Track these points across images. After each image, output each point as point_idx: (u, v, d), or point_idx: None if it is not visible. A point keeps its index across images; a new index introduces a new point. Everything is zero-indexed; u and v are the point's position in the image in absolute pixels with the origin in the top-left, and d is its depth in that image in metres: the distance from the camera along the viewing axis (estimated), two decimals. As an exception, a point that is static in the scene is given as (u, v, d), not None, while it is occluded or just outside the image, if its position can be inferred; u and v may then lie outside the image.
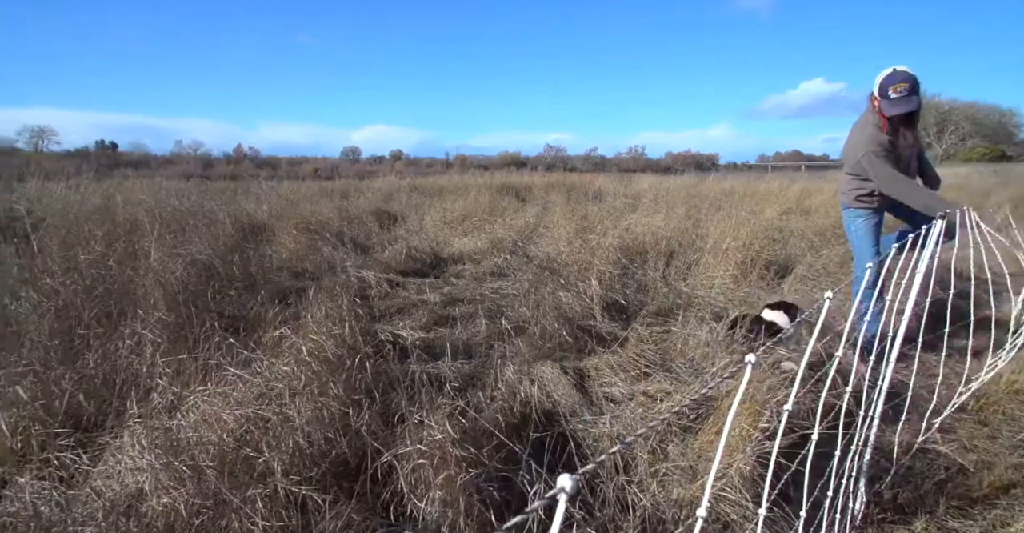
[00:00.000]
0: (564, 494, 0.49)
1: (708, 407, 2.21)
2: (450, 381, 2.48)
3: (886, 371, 1.90)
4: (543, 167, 31.69)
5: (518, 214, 7.28)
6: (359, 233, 6.18)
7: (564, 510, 0.50)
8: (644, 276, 4.24)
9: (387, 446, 1.83)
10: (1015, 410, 2.44)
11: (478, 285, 4.51)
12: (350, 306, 3.01)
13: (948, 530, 1.70)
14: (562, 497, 0.49)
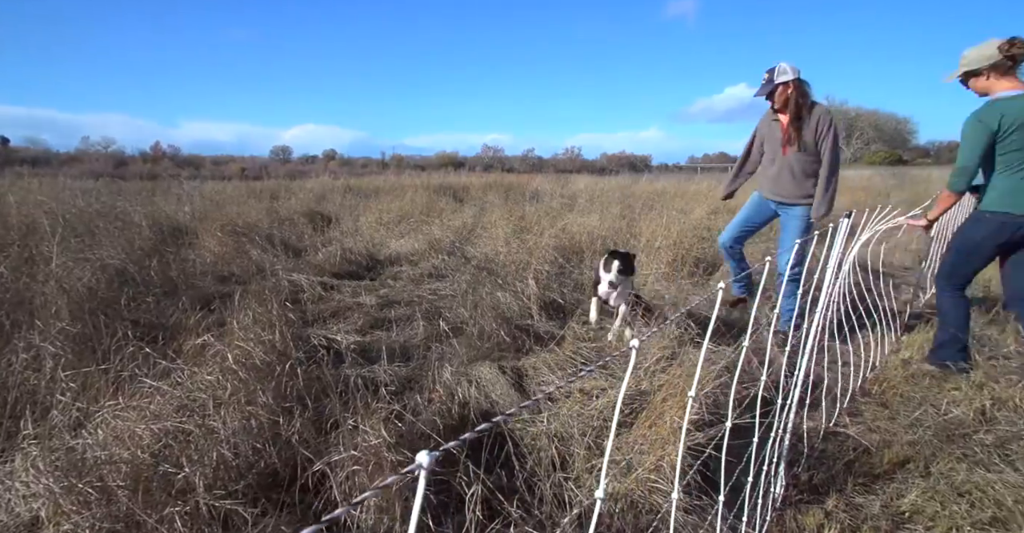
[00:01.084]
0: (422, 470, 0.51)
1: (642, 401, 2.28)
2: (386, 385, 2.43)
3: (802, 361, 2.03)
4: (481, 167, 31.69)
5: (456, 215, 7.24)
6: (290, 235, 5.96)
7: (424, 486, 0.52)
8: (580, 275, 4.32)
9: (320, 454, 1.77)
10: (911, 392, 2.66)
11: (415, 287, 4.45)
12: (281, 311, 2.90)
13: (855, 506, 1.83)
14: (421, 473, 0.51)
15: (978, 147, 2.60)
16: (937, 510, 1.76)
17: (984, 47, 2.59)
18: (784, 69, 3.15)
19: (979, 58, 2.60)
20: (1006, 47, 2.53)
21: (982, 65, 2.60)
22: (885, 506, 1.83)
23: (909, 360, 2.95)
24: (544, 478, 1.88)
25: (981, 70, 2.61)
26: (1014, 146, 2.56)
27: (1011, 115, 2.52)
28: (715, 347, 2.74)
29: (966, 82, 2.71)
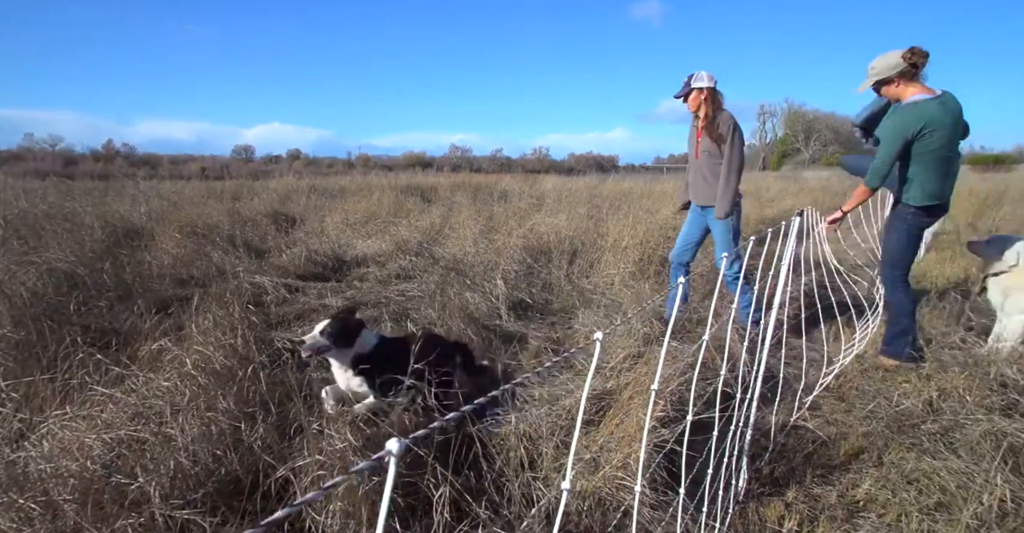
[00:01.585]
0: (392, 457, 0.51)
1: (609, 400, 2.31)
2: (350, 388, 2.39)
3: (761, 356, 2.08)
4: (449, 167, 31.54)
5: (424, 215, 7.19)
6: (253, 236, 5.81)
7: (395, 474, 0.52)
8: (549, 275, 4.35)
9: (283, 460, 1.73)
10: (866, 385, 2.76)
11: (383, 288, 4.39)
12: (243, 314, 2.82)
13: (813, 497, 1.89)
14: (391, 460, 0.51)
15: (896, 147, 2.79)
16: (888, 498, 1.83)
17: (888, 57, 2.80)
18: (701, 77, 3.37)
19: (887, 67, 2.80)
20: (908, 56, 2.76)
21: (891, 73, 2.80)
22: (841, 496, 1.89)
23: (863, 355, 3.06)
24: (513, 478, 1.88)
25: (891, 78, 2.81)
26: (932, 145, 2.75)
27: (929, 117, 2.72)
28: (680, 344, 2.79)
29: (879, 90, 2.93)
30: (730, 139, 3.34)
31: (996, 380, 2.55)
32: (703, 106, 3.38)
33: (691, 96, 3.39)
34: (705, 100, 3.36)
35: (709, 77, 3.36)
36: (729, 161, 3.34)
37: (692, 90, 3.37)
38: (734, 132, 3.33)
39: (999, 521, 1.63)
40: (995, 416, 2.25)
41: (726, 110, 3.40)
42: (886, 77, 2.81)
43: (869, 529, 1.71)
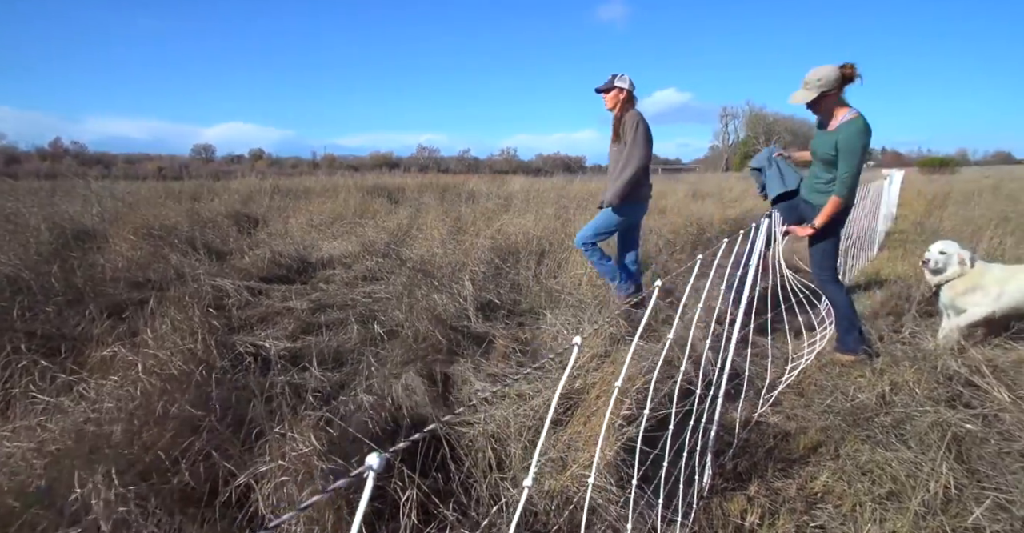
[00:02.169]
0: (372, 472, 0.50)
1: (577, 399, 2.32)
2: (317, 391, 2.35)
3: (727, 354, 2.13)
4: (416, 168, 31.31)
5: (391, 216, 7.11)
6: (214, 238, 5.65)
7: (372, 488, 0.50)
8: (517, 275, 4.35)
9: (244, 466, 1.68)
10: (824, 381, 2.86)
11: (349, 290, 4.32)
12: (203, 317, 2.74)
13: (774, 490, 1.94)
14: (370, 475, 0.50)
15: (861, 158, 2.89)
16: (844, 489, 1.90)
17: (829, 70, 2.87)
18: (624, 78, 3.58)
19: (830, 81, 2.86)
20: (848, 70, 2.87)
21: (833, 86, 2.87)
22: (800, 488, 1.95)
23: (821, 352, 3.16)
24: (481, 479, 1.87)
25: (832, 92, 2.89)
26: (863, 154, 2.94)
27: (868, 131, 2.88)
28: (646, 343, 2.83)
29: (817, 104, 2.97)
30: (632, 136, 3.48)
31: (943, 373, 2.67)
32: (619, 105, 3.57)
33: (612, 93, 3.59)
34: (622, 100, 3.55)
35: (631, 82, 3.58)
36: (628, 157, 3.47)
37: (614, 88, 3.56)
38: (636, 129, 3.47)
39: (943, 507, 1.71)
40: (941, 407, 2.35)
41: (635, 110, 3.56)
42: (829, 89, 2.87)
43: (826, 520, 1.76)
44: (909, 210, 9.79)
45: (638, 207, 3.69)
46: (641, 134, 3.47)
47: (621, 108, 3.59)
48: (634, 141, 3.47)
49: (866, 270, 5.40)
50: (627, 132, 3.50)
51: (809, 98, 2.93)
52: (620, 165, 3.51)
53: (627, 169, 3.47)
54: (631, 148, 3.47)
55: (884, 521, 1.68)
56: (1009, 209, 7.18)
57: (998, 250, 4.62)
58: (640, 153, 3.47)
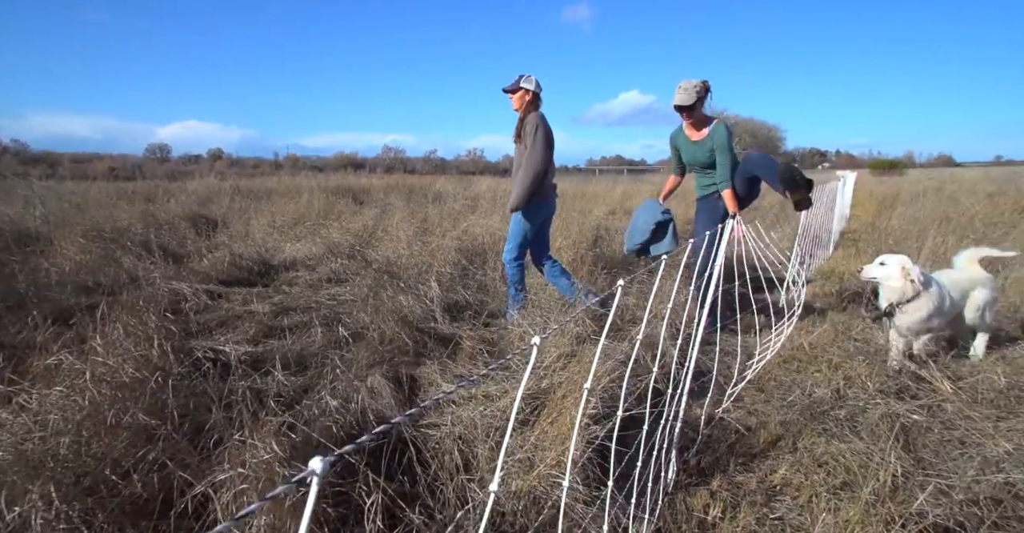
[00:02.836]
0: (315, 477, 0.48)
1: (543, 399, 2.33)
2: (279, 396, 2.29)
3: (692, 352, 2.17)
4: (382, 169, 30.93)
5: (356, 217, 7.01)
6: (170, 240, 5.46)
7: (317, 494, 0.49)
8: (484, 276, 4.35)
9: (202, 475, 1.63)
10: (783, 376, 2.95)
11: (313, 292, 4.24)
12: (159, 322, 2.65)
13: (736, 484, 1.99)
14: (314, 480, 0.48)
15: (732, 153, 3.47)
16: (802, 481, 1.96)
17: (696, 82, 3.47)
18: (530, 79, 3.65)
19: (702, 90, 3.44)
20: (704, 85, 3.47)
21: (704, 96, 3.47)
22: (761, 481, 2.01)
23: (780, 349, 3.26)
24: (447, 481, 1.86)
25: (703, 99, 3.48)
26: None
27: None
28: (611, 342, 2.86)
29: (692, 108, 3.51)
30: (532, 138, 3.54)
31: (892, 367, 2.79)
32: (523, 106, 3.65)
33: (517, 94, 3.65)
34: (527, 102, 3.62)
35: (537, 83, 3.65)
36: (528, 158, 3.53)
37: (520, 88, 3.63)
38: (536, 131, 3.53)
39: (891, 495, 1.78)
40: (891, 399, 2.46)
41: (537, 112, 3.63)
42: (701, 97, 3.45)
43: (784, 511, 1.82)
44: (862, 210, 10.19)
45: (544, 206, 3.75)
46: (541, 136, 3.52)
47: (525, 109, 3.63)
48: (534, 143, 3.51)
49: (823, 268, 5.60)
50: (527, 134, 3.55)
51: (691, 100, 3.45)
52: (524, 168, 3.56)
53: (528, 172, 3.52)
54: (531, 150, 3.52)
55: (838, 510, 1.74)
56: (950, 209, 7.54)
57: (941, 248, 4.85)
58: (539, 156, 3.51)
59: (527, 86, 3.62)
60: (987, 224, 6.37)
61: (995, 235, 5.66)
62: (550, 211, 3.83)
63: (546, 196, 3.71)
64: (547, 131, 3.58)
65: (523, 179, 3.53)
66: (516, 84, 3.64)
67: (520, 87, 3.63)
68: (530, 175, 3.51)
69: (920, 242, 5.17)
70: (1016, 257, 3.78)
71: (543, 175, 3.58)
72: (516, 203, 3.57)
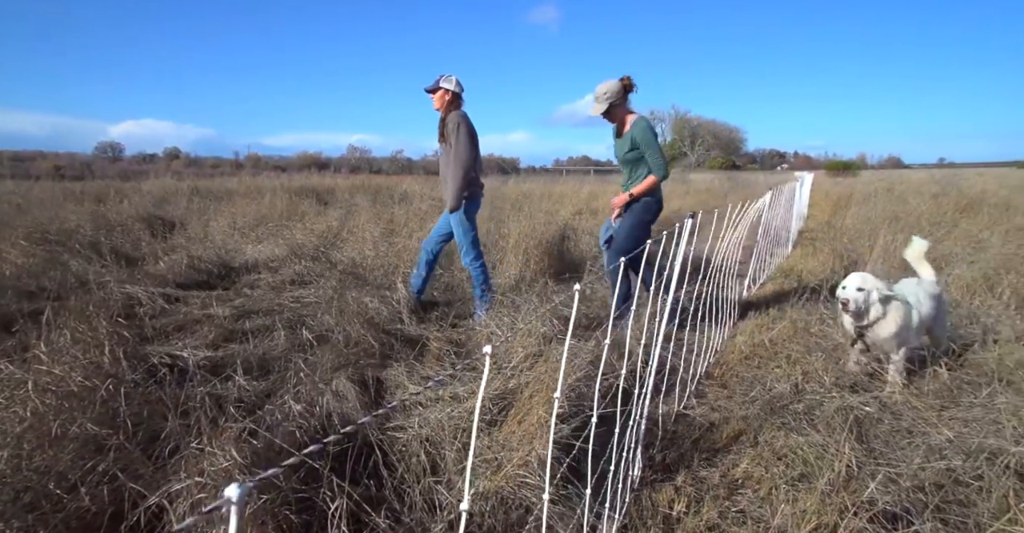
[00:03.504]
0: (232, 505, 0.45)
1: (511, 399, 2.33)
2: (240, 401, 2.23)
3: (655, 350, 2.20)
4: (347, 169, 30.45)
5: (320, 218, 6.90)
6: (123, 243, 5.26)
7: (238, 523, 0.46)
8: (451, 277, 4.32)
9: (156, 485, 1.57)
10: (745, 372, 3.02)
11: (276, 295, 4.15)
12: (110, 327, 2.54)
13: (699, 479, 2.03)
14: (232, 509, 0.45)
15: (659, 144, 3.46)
16: (762, 474, 2.01)
17: (612, 84, 3.43)
18: (450, 79, 3.70)
19: (615, 92, 3.42)
20: (627, 81, 3.44)
21: (619, 97, 3.44)
22: (723, 475, 2.05)
23: (736, 345, 3.34)
24: (414, 484, 1.84)
25: (619, 101, 3.46)
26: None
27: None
28: (577, 342, 2.88)
29: (610, 113, 3.52)
30: (455, 137, 3.60)
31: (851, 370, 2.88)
32: (444, 106, 3.71)
33: (438, 93, 3.70)
34: (447, 101, 3.69)
35: (457, 82, 3.71)
36: (455, 158, 3.60)
37: (440, 88, 3.69)
38: (458, 130, 3.60)
39: (845, 485, 1.85)
40: (845, 393, 2.55)
41: (459, 111, 3.69)
42: (616, 100, 3.43)
43: (746, 504, 1.86)
44: (818, 210, 10.55)
45: (474, 203, 3.82)
46: (464, 134, 3.58)
47: (446, 109, 3.69)
48: (458, 141, 3.58)
49: (782, 267, 5.77)
50: (450, 132, 3.62)
51: (602, 110, 3.47)
52: (451, 167, 3.62)
53: (457, 171, 3.59)
54: (456, 148, 3.59)
55: (796, 501, 1.79)
56: (899, 209, 7.88)
57: (891, 246, 5.06)
58: (464, 155, 3.58)
59: (446, 86, 3.67)
60: (932, 223, 6.68)
61: (939, 233, 5.94)
62: (478, 207, 3.90)
63: (475, 194, 3.78)
64: (469, 128, 3.63)
65: (454, 178, 3.59)
66: (436, 84, 3.68)
67: (440, 87, 3.67)
68: (460, 173, 3.57)
69: (872, 240, 5.38)
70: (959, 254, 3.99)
71: (471, 172, 3.65)
72: (454, 203, 3.64)
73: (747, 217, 3.94)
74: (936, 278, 3.06)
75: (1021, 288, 3.86)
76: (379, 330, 3.16)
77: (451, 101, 3.69)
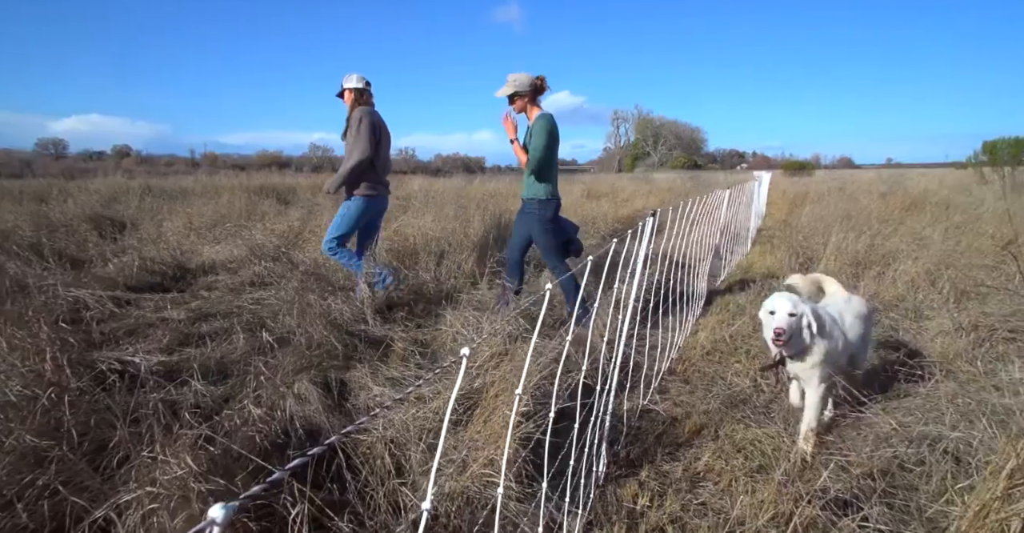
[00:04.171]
0: (216, 526, 0.44)
1: (476, 399, 2.32)
2: (191, 407, 2.16)
3: (619, 347, 2.23)
4: (309, 168, 29.82)
5: (281, 218, 6.74)
6: (68, 244, 5.02)
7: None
8: (416, 277, 4.28)
9: (104, 497, 1.50)
10: (706, 368, 3.09)
11: (235, 297, 4.03)
12: (53, 333, 2.42)
13: (663, 473, 2.07)
14: (215, 530, 0.44)
15: (547, 141, 3.46)
16: (723, 466, 2.06)
17: (524, 76, 3.50)
18: (351, 78, 3.86)
19: (524, 84, 3.49)
20: (538, 81, 3.53)
21: (526, 89, 3.49)
22: (686, 469, 2.09)
23: (707, 334, 3.42)
24: (378, 487, 1.82)
25: (526, 93, 3.50)
26: (556, 152, 3.58)
27: (556, 127, 3.51)
28: (541, 340, 2.89)
29: (512, 99, 3.54)
30: (355, 131, 3.73)
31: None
32: (351, 103, 3.84)
33: (345, 95, 3.87)
34: (352, 99, 3.83)
35: (358, 79, 3.84)
36: (351, 150, 3.73)
37: (344, 90, 3.85)
38: (359, 125, 3.72)
39: (800, 474, 1.92)
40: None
41: (362, 107, 3.80)
42: (522, 91, 3.48)
43: (707, 496, 1.91)
44: (776, 209, 10.89)
45: (375, 201, 3.89)
46: (364, 129, 3.68)
47: (352, 106, 3.81)
48: (357, 135, 3.69)
49: (741, 264, 5.92)
50: (352, 125, 3.73)
51: (505, 92, 3.52)
52: (346, 157, 3.75)
53: (348, 161, 3.70)
54: (355, 140, 3.70)
55: (754, 492, 1.84)
56: (851, 208, 8.20)
57: (844, 243, 5.26)
58: (361, 147, 3.68)
59: (349, 85, 3.83)
60: (880, 221, 6.97)
61: (887, 231, 6.20)
62: (382, 206, 3.98)
63: (377, 192, 3.85)
64: (372, 124, 3.71)
65: (343, 165, 3.71)
66: (341, 87, 3.86)
67: (344, 89, 3.84)
68: (351, 164, 3.67)
69: (826, 238, 5.57)
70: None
71: (368, 165, 3.73)
72: (329, 186, 3.79)
73: (709, 216, 4.02)
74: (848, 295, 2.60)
75: (959, 282, 4.07)
76: (342, 331, 3.11)
77: (356, 99, 3.81)
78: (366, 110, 3.75)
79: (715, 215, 4.40)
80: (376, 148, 3.77)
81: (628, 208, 10.51)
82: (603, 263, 1.98)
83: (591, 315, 2.92)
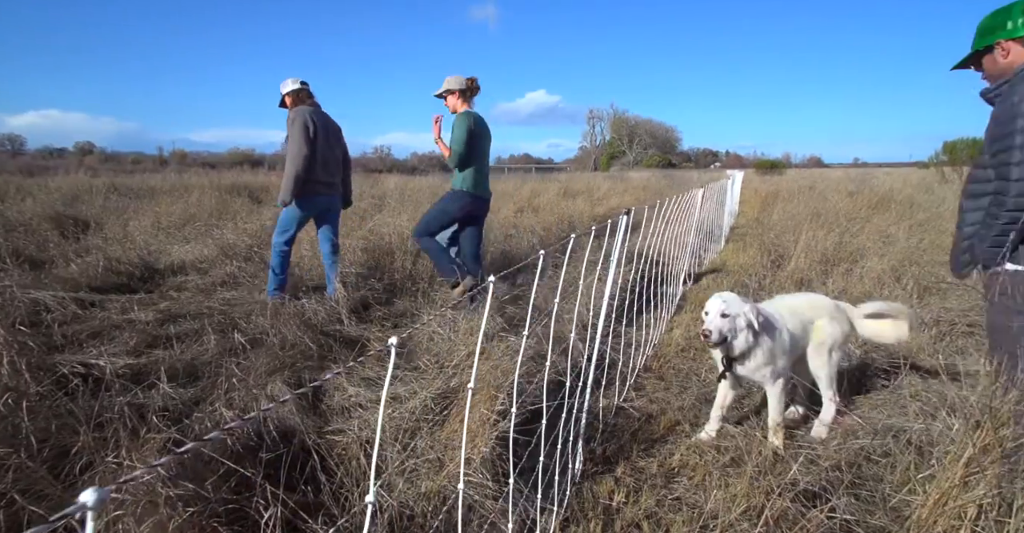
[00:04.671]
0: (89, 510, 0.42)
1: (453, 398, 2.32)
2: (159, 411, 2.11)
3: (594, 345, 2.24)
4: (281, 166, 29.28)
5: (253, 217, 6.61)
6: (27, 244, 4.85)
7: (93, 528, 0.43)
8: (391, 276, 4.25)
9: (63, 506, 1.45)
10: (681, 364, 3.13)
11: (205, 297, 3.95)
12: (9, 336, 2.33)
13: (638, 469, 2.09)
14: (89, 515, 0.42)
15: (463, 137, 3.64)
16: (697, 461, 2.09)
17: (458, 77, 3.76)
18: (285, 83, 3.92)
19: (456, 83, 3.74)
20: (469, 82, 3.77)
21: (457, 88, 3.74)
22: (661, 465, 2.12)
23: (680, 332, 3.46)
24: (353, 488, 1.80)
25: (455, 91, 3.75)
26: (479, 147, 3.75)
27: (479, 125, 3.73)
28: (517, 338, 2.90)
29: (444, 96, 3.81)
30: (290, 130, 3.75)
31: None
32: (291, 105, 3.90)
33: (286, 100, 3.92)
34: (291, 101, 3.88)
35: (293, 81, 3.91)
36: (288, 153, 3.76)
37: (283, 95, 3.92)
38: (292, 126, 3.74)
39: (771, 468, 1.96)
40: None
41: (298, 108, 3.83)
42: (453, 89, 3.73)
43: (682, 491, 1.93)
44: (748, 207, 11.10)
45: (315, 200, 3.86)
46: (298, 130, 3.69)
47: (291, 107, 3.87)
48: (292, 137, 3.70)
49: (715, 261, 6.02)
50: (288, 127, 3.76)
51: (437, 92, 3.80)
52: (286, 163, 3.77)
53: (288, 166, 3.72)
54: (290, 143, 3.72)
55: (728, 486, 1.87)
56: (820, 206, 8.40)
57: (813, 241, 5.39)
58: (295, 149, 3.69)
59: (284, 89, 3.88)
60: (848, 219, 7.15)
61: (854, 229, 6.37)
62: (321, 205, 3.93)
63: (315, 191, 3.82)
64: (303, 124, 3.69)
65: (286, 171, 3.72)
66: (281, 96, 3.91)
67: (282, 96, 3.89)
68: (291, 169, 3.68)
69: (796, 235, 5.70)
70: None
71: (309, 165, 3.70)
72: (284, 196, 3.73)
73: (684, 214, 4.08)
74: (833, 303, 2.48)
75: (922, 278, 4.20)
76: (316, 332, 3.07)
77: (294, 101, 3.85)
78: (300, 110, 3.75)
79: (690, 213, 4.46)
80: (313, 145, 3.71)
81: (604, 206, 10.59)
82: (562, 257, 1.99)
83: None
